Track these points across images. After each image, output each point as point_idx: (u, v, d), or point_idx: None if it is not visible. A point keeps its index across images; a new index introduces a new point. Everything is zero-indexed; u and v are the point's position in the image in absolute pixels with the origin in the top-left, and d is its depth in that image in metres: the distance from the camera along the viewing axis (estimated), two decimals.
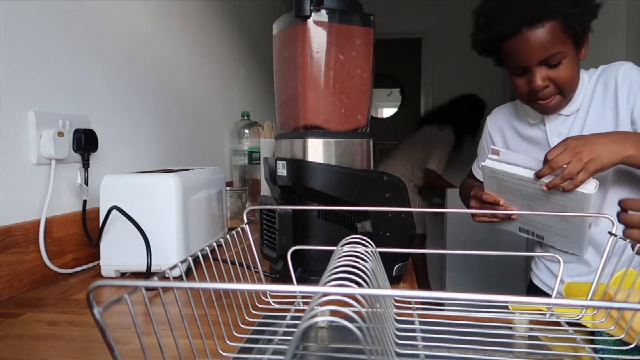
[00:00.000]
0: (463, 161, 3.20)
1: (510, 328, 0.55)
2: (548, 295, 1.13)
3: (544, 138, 1.03)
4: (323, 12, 0.74)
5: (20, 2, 0.79)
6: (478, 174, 1.23)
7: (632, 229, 0.77)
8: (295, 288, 0.30)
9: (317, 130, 0.76)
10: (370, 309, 0.36)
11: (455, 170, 3.18)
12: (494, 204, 0.96)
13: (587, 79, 0.99)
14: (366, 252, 0.49)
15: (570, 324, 0.56)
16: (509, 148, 1.10)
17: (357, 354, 0.49)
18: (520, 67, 0.91)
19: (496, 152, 0.92)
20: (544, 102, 0.93)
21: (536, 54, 0.87)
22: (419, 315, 0.57)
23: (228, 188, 1.33)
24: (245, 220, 0.64)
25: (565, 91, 0.92)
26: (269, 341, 0.51)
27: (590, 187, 0.82)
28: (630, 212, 0.77)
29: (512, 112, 1.12)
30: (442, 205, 3.04)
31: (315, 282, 0.68)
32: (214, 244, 0.55)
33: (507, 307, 0.58)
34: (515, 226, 1.02)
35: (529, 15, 0.86)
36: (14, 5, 0.78)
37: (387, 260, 0.68)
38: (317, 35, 0.74)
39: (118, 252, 0.82)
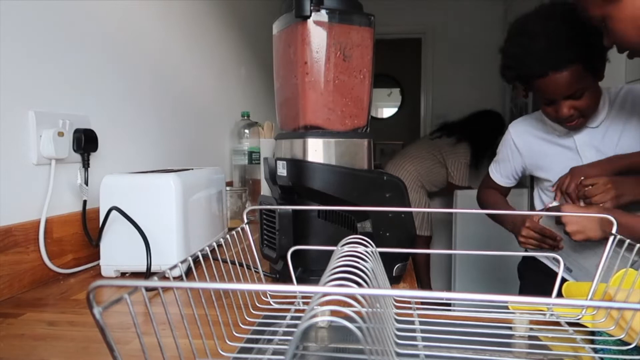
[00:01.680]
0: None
1: (510, 328, 0.55)
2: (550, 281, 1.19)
3: (574, 147, 1.10)
4: (323, 12, 0.74)
5: (21, 2, 0.79)
6: (498, 178, 1.27)
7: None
8: (295, 288, 0.30)
9: (317, 130, 0.76)
10: (370, 309, 0.36)
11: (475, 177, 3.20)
12: (553, 240, 1.03)
13: (607, 94, 1.08)
14: (366, 252, 0.49)
15: (570, 324, 0.56)
16: (536, 156, 1.16)
17: (357, 354, 0.49)
18: (547, 99, 1.02)
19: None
20: (570, 124, 1.05)
21: (561, 92, 0.98)
22: (419, 315, 0.57)
23: (228, 188, 1.33)
24: (245, 220, 0.64)
25: (587, 115, 1.04)
26: (269, 341, 0.51)
27: None
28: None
29: (536, 123, 1.18)
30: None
31: (315, 282, 0.68)
32: (214, 244, 0.55)
33: (507, 307, 0.58)
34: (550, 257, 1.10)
35: (553, 62, 0.96)
36: (14, 5, 0.78)
37: (387, 260, 0.68)
38: (317, 35, 0.74)
39: (118, 252, 0.82)
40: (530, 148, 1.18)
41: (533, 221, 1.06)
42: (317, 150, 0.75)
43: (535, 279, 1.26)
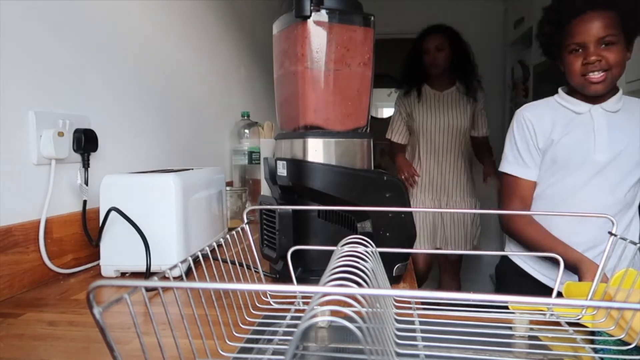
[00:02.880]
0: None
1: (510, 328, 0.55)
2: (530, 281, 1.18)
3: (590, 124, 1.12)
4: (323, 12, 0.74)
5: (21, 2, 0.79)
6: (523, 172, 1.17)
7: None
8: (295, 288, 0.30)
9: (317, 130, 0.76)
10: (370, 309, 0.36)
11: None
12: None
13: (621, 93, 1.14)
14: (366, 252, 0.49)
15: (570, 324, 0.56)
16: (553, 138, 1.14)
17: (357, 354, 0.49)
18: (579, 44, 1.06)
19: None
20: (595, 77, 1.06)
21: (595, 33, 1.04)
22: (419, 315, 0.57)
23: (228, 188, 1.33)
24: (245, 220, 0.64)
25: (612, 71, 1.06)
26: (269, 341, 0.51)
27: None
28: None
29: (549, 108, 1.18)
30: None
31: (315, 282, 0.68)
32: (214, 244, 0.55)
33: (507, 307, 0.58)
34: None
35: (595, 1, 1.04)
36: (14, 5, 0.78)
37: (387, 260, 0.68)
38: (317, 35, 0.74)
39: (118, 252, 0.82)
40: (544, 126, 1.15)
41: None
42: (317, 150, 0.75)
43: (514, 280, 1.26)
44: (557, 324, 0.57)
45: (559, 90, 1.19)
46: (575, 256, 1.02)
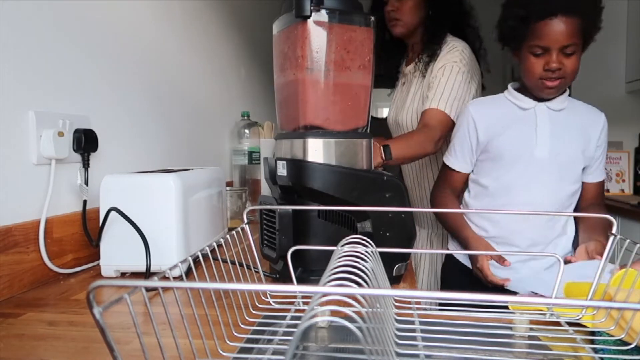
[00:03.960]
0: None
1: (510, 328, 0.55)
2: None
3: (533, 121, 1.12)
4: (323, 12, 0.74)
5: (21, 2, 0.79)
6: (456, 163, 1.21)
7: None
8: (295, 288, 0.30)
9: (317, 130, 0.76)
10: (370, 309, 0.36)
11: None
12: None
13: (567, 94, 1.16)
14: (366, 252, 0.49)
15: (570, 324, 0.56)
16: (492, 129, 1.14)
17: (357, 354, 0.49)
18: (543, 47, 1.04)
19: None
20: (551, 83, 1.06)
21: (561, 39, 1.02)
22: (419, 315, 0.57)
23: (228, 188, 1.33)
24: (245, 220, 0.64)
25: (567, 79, 1.07)
26: (269, 341, 0.51)
27: None
28: None
29: (497, 104, 1.19)
30: None
31: (315, 282, 0.68)
32: (214, 244, 0.55)
33: (507, 307, 0.58)
34: None
35: (566, 4, 1.01)
36: (14, 5, 0.78)
37: (387, 260, 0.68)
38: (317, 35, 0.74)
39: (118, 252, 0.82)
40: (489, 122, 1.17)
41: (484, 264, 1.06)
42: (317, 150, 0.75)
43: (456, 278, 1.25)
44: (557, 324, 0.57)
45: (509, 86, 1.19)
46: (467, 234, 1.13)
